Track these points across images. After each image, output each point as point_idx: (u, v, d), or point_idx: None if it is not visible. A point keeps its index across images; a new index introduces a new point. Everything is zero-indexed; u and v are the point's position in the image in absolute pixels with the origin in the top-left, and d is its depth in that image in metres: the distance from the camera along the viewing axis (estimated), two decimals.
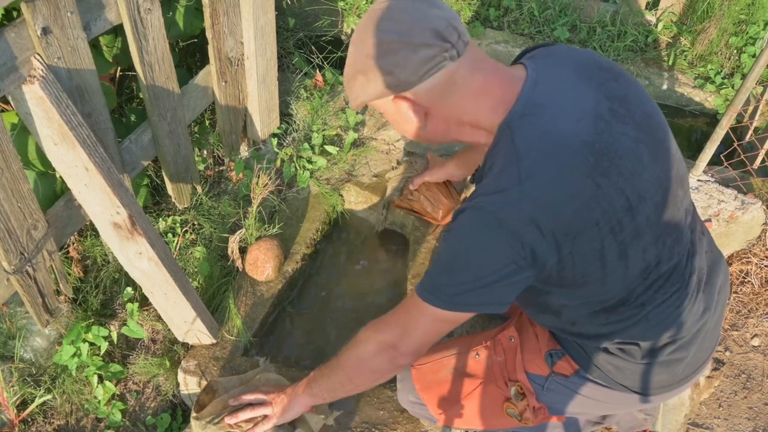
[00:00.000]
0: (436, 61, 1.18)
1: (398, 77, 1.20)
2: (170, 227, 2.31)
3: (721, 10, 3.24)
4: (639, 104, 1.27)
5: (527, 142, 1.18)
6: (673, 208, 1.27)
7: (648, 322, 1.34)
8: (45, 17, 1.46)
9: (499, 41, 3.47)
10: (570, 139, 1.17)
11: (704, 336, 1.44)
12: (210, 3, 2.04)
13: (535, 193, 1.15)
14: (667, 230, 1.27)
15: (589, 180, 1.16)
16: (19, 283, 1.70)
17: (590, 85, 1.24)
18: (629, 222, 1.20)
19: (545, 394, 1.52)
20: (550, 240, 1.16)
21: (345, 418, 1.84)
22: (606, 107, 1.21)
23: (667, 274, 1.31)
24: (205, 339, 2.01)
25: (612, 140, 1.19)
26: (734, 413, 2.05)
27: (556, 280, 1.25)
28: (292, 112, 2.76)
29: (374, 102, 1.29)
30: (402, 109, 1.26)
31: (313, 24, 3.54)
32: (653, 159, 1.24)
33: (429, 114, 1.27)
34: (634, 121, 1.23)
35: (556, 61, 1.29)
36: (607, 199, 1.17)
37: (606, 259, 1.21)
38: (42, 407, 1.98)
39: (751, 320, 2.30)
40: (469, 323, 2.08)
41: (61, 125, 1.52)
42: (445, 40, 1.17)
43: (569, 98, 1.21)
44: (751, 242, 2.43)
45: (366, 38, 1.20)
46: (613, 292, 1.29)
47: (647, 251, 1.25)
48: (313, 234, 2.40)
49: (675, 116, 3.31)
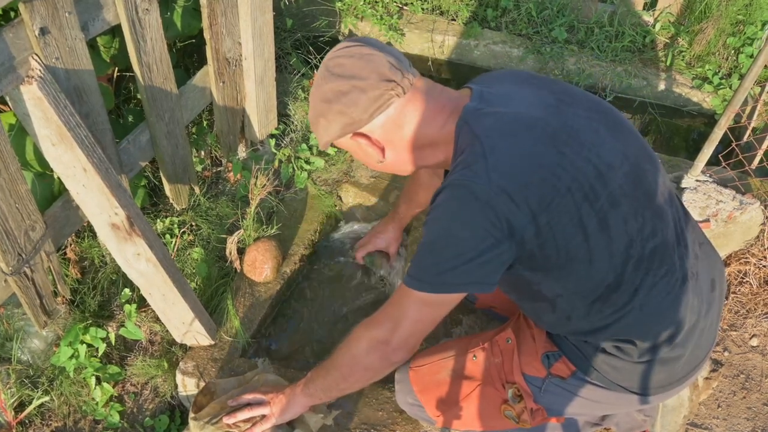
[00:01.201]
0: (384, 99, 1.32)
1: (351, 116, 1.34)
2: (168, 228, 2.30)
3: (719, 10, 3.25)
4: (583, 95, 1.38)
5: (485, 128, 1.28)
6: (645, 182, 1.32)
7: (642, 312, 1.34)
8: (43, 17, 1.45)
9: (497, 42, 3.47)
10: (524, 117, 1.27)
11: (701, 333, 1.43)
12: (208, 3, 2.03)
13: (501, 165, 1.22)
14: (644, 202, 1.31)
15: (551, 149, 1.24)
16: (17, 284, 1.69)
17: (532, 87, 1.36)
18: (602, 189, 1.24)
19: (543, 395, 1.52)
20: (525, 210, 1.21)
21: (344, 419, 1.84)
22: (552, 98, 1.32)
23: (653, 254, 1.31)
24: (204, 340, 2.00)
25: (564, 118, 1.28)
26: (733, 413, 2.05)
27: (541, 260, 1.28)
28: (290, 112, 2.76)
29: (337, 141, 1.43)
30: (361, 145, 1.40)
31: (311, 24, 3.54)
32: (611, 133, 1.31)
33: (386, 147, 1.40)
34: (582, 106, 1.33)
35: (496, 77, 1.44)
36: (573, 166, 1.23)
37: (587, 230, 1.24)
38: (40, 409, 1.97)
39: (750, 320, 2.30)
40: (468, 325, 2.08)
41: (59, 126, 1.52)
42: (390, 80, 1.31)
43: (516, 95, 1.34)
44: (749, 242, 2.43)
45: (322, 85, 1.37)
46: (601, 273, 1.29)
47: (628, 223, 1.27)
48: (311, 235, 2.40)
49: (673, 116, 3.32)
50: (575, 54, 3.40)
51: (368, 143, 1.39)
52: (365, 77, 1.31)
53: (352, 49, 1.35)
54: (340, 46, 1.39)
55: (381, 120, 1.35)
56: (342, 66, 1.34)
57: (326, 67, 1.37)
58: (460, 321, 2.09)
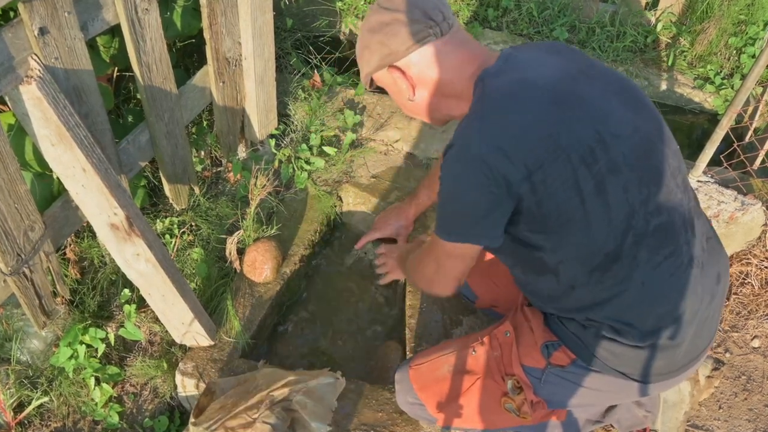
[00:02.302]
0: (422, 35, 1.40)
1: (390, 47, 1.43)
2: (168, 228, 2.30)
3: (721, 10, 3.24)
4: (610, 72, 1.42)
5: (494, 88, 1.34)
6: (654, 158, 1.34)
7: (643, 288, 1.35)
8: (42, 17, 1.45)
9: (498, 42, 3.46)
10: (535, 81, 1.32)
11: (702, 323, 1.43)
12: (208, 3, 2.03)
13: (499, 123, 1.29)
14: (651, 176, 1.33)
15: (553, 110, 1.28)
16: (16, 284, 1.69)
17: (561, 58, 1.40)
18: (603, 154, 1.27)
19: (543, 386, 1.53)
20: (520, 167, 1.26)
21: (344, 420, 1.83)
22: (576, 69, 1.37)
23: (657, 231, 1.33)
24: (203, 341, 2.00)
25: (578, 86, 1.33)
26: (734, 415, 2.05)
27: (539, 218, 1.32)
28: (290, 112, 2.76)
29: (376, 76, 1.53)
30: (396, 80, 1.48)
31: (311, 24, 3.53)
32: (626, 106, 1.34)
33: (418, 86, 1.48)
34: (603, 80, 1.37)
35: (532, 45, 1.49)
36: (574, 128, 1.27)
37: (583, 192, 1.28)
38: (39, 409, 1.97)
39: (751, 322, 2.30)
40: (468, 326, 2.08)
41: (59, 126, 1.51)
42: (431, 18, 1.40)
43: (540, 62, 1.38)
44: (750, 243, 2.42)
45: (370, 17, 1.47)
46: (600, 239, 1.32)
47: (629, 191, 1.30)
48: (311, 235, 2.39)
49: (675, 115, 3.31)
50: None
51: (402, 78, 1.46)
52: (408, 11, 1.40)
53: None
54: None
55: (416, 57, 1.43)
56: (391, 1, 1.44)
57: (377, 1, 1.48)
58: (460, 322, 2.09)
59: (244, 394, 1.75)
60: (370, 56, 1.48)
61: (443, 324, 2.07)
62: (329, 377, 1.81)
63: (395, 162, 2.64)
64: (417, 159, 2.67)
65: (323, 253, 2.51)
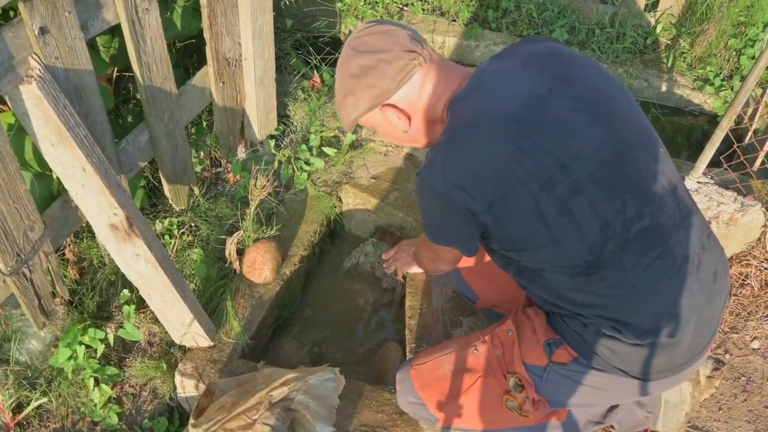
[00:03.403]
0: (408, 68, 1.43)
1: (381, 87, 1.44)
2: (167, 229, 2.29)
3: (720, 11, 3.24)
4: (584, 81, 1.40)
5: (458, 119, 1.38)
6: (629, 168, 1.34)
7: (636, 290, 1.36)
8: (42, 17, 1.45)
9: (498, 43, 3.46)
10: (495, 113, 1.34)
11: (702, 322, 1.43)
12: (208, 3, 2.03)
13: (456, 161, 1.33)
14: (627, 185, 1.33)
15: (510, 145, 1.30)
16: (16, 284, 1.68)
17: (535, 70, 1.40)
18: (563, 178, 1.30)
19: (544, 385, 1.53)
20: (481, 200, 1.33)
21: (344, 421, 1.83)
22: (546, 86, 1.37)
23: (643, 235, 1.34)
24: (203, 341, 1.99)
25: (542, 110, 1.34)
26: (734, 416, 2.05)
27: (508, 242, 1.40)
28: (290, 113, 2.75)
29: (365, 117, 1.52)
30: (389, 116, 1.49)
31: (311, 25, 3.53)
32: (594, 122, 1.34)
33: (411, 116, 1.50)
34: (575, 95, 1.37)
35: (509, 54, 1.48)
36: (530, 159, 1.29)
37: (546, 216, 1.31)
38: (38, 410, 1.96)
39: (751, 323, 2.29)
40: (468, 327, 2.07)
41: (59, 125, 1.51)
42: (412, 51, 1.42)
43: (508, 82, 1.39)
44: (750, 244, 2.42)
45: (349, 63, 1.46)
46: (575, 251, 1.34)
47: (598, 206, 1.31)
48: (311, 236, 2.39)
49: (675, 116, 3.31)
50: None
51: (396, 113, 1.48)
52: (389, 49, 1.42)
53: (373, 28, 1.47)
54: (360, 27, 1.50)
55: (406, 90, 1.45)
56: (365, 43, 1.45)
57: (350, 47, 1.47)
58: (460, 323, 2.08)
59: (243, 395, 1.75)
60: (356, 101, 1.48)
61: (443, 325, 2.06)
62: (328, 373, 1.80)
63: (395, 163, 2.64)
64: (417, 160, 2.67)
65: (323, 254, 2.51)
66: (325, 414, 1.72)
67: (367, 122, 1.55)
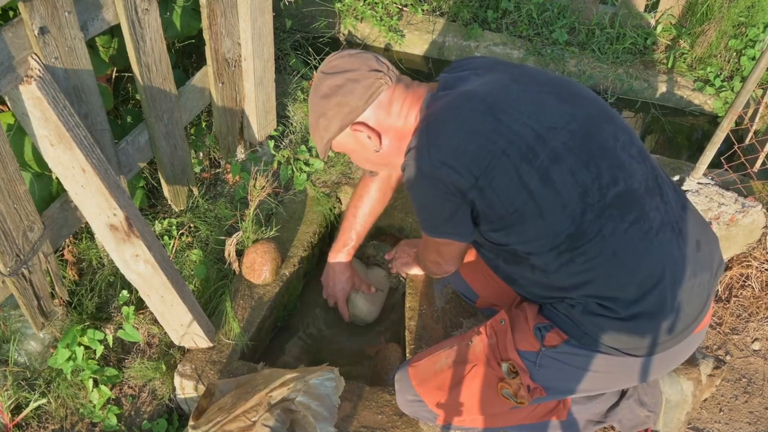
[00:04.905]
0: (375, 86, 1.51)
1: (350, 104, 1.52)
2: (166, 230, 2.29)
3: (721, 12, 3.24)
4: (542, 74, 1.54)
5: (434, 110, 1.46)
6: (599, 137, 1.42)
7: (616, 258, 1.40)
8: (42, 17, 1.44)
9: (497, 43, 3.46)
10: (468, 95, 1.44)
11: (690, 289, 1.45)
12: (207, 4, 2.02)
13: (439, 140, 1.41)
14: (600, 153, 1.41)
15: (488, 117, 1.39)
16: (15, 285, 1.68)
17: (491, 72, 1.52)
18: (542, 148, 1.37)
19: (539, 370, 1.55)
20: (467, 175, 1.38)
21: (343, 422, 1.82)
22: (509, 79, 1.48)
23: (618, 199, 1.39)
24: (202, 342, 1.99)
25: (510, 93, 1.44)
26: (735, 418, 2.04)
27: (495, 219, 1.43)
28: (289, 114, 2.75)
29: (337, 139, 1.60)
30: (360, 137, 1.56)
31: (311, 25, 3.53)
32: (560, 100, 1.44)
33: (381, 134, 1.57)
34: (537, 83, 1.48)
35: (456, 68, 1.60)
36: (509, 130, 1.37)
37: (529, 186, 1.37)
38: (36, 411, 1.95)
39: (752, 324, 2.29)
40: (468, 328, 2.07)
41: (58, 126, 1.51)
42: (378, 70, 1.52)
43: (472, 80, 1.51)
44: (751, 246, 2.42)
45: (319, 86, 1.56)
46: (559, 223, 1.39)
47: (577, 174, 1.38)
48: (310, 237, 2.39)
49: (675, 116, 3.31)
50: (576, 56, 3.39)
51: (367, 131, 1.55)
52: (357, 69, 1.52)
53: (340, 54, 1.58)
54: (329, 57, 1.60)
55: (374, 108, 1.53)
56: (334, 66, 1.55)
57: (321, 72, 1.57)
58: (460, 324, 2.08)
59: (243, 396, 1.74)
60: (328, 122, 1.56)
61: (443, 326, 2.06)
62: (328, 372, 1.80)
63: None
64: None
65: (323, 255, 2.51)
66: (327, 414, 1.71)
67: (340, 146, 1.63)
